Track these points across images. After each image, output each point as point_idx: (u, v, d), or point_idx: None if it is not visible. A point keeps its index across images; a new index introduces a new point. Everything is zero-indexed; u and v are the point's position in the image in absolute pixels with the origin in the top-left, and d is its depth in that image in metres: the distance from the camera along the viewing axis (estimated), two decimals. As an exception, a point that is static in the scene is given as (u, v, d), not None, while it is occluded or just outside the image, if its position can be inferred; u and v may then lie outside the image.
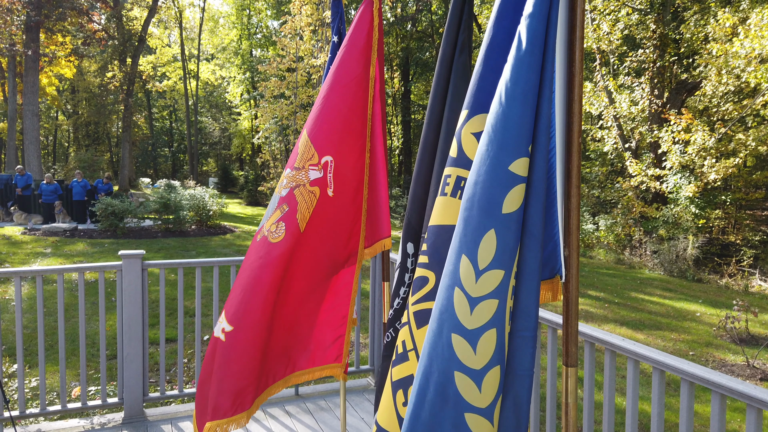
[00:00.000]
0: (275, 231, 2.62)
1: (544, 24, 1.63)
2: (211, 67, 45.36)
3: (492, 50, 1.80)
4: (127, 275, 3.94)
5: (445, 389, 1.59)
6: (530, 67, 1.62)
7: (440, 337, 1.61)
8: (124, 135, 34.24)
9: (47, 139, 47.19)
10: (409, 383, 1.80)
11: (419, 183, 2.34)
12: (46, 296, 8.57)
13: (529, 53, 1.61)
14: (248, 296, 2.58)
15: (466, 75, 2.34)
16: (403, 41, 30.00)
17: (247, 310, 2.57)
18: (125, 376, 4.01)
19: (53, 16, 25.73)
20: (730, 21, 13.57)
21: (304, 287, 2.78)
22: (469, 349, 1.58)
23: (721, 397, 2.12)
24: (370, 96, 2.84)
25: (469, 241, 1.60)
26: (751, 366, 7.26)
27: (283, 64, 8.19)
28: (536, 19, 1.62)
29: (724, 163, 14.48)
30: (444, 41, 2.36)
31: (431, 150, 2.33)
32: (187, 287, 9.28)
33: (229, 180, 38.92)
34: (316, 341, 2.92)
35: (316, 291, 2.84)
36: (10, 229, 15.96)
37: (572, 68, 1.77)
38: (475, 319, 1.57)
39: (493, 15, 1.81)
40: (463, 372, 1.58)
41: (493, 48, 1.80)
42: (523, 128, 1.60)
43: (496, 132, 1.61)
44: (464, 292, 1.58)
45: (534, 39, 1.62)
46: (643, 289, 12.52)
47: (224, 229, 18.25)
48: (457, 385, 1.59)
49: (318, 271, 2.81)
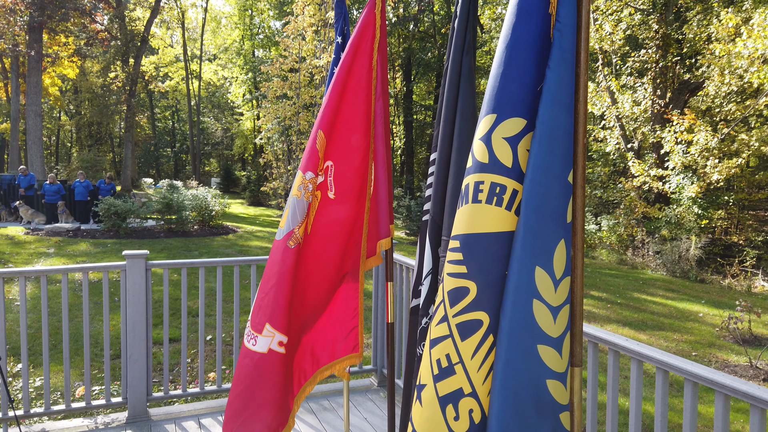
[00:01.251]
0: (300, 237, 2.67)
1: (575, 30, 1.73)
2: (213, 67, 45.43)
3: (518, 51, 1.77)
4: (131, 275, 3.95)
5: (540, 399, 1.68)
6: (572, 75, 1.72)
7: (526, 350, 1.67)
8: (126, 135, 34.31)
9: (50, 139, 47.29)
10: (459, 397, 1.77)
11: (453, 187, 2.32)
12: (50, 296, 8.60)
13: (570, 62, 1.72)
14: (293, 305, 2.64)
15: (472, 76, 2.35)
16: (405, 41, 30.00)
17: (292, 318, 2.62)
18: (129, 375, 4.02)
19: (56, 17, 25.78)
20: (733, 21, 13.54)
21: (320, 287, 2.85)
22: (557, 356, 1.69)
23: (724, 397, 2.12)
24: (372, 97, 2.86)
25: (542, 252, 1.68)
26: (754, 367, 7.25)
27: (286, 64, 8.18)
28: (571, 28, 1.72)
29: (726, 163, 14.46)
30: (454, 43, 2.36)
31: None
32: (190, 287, 9.30)
33: (231, 180, 38.95)
34: (334, 336, 2.99)
35: (330, 290, 2.92)
36: (13, 229, 16.00)
37: (578, 69, 1.78)
38: (558, 328, 1.69)
39: (514, 13, 1.79)
40: (555, 378, 1.69)
41: (518, 49, 1.77)
42: (572, 137, 1.72)
43: (554, 142, 1.69)
44: (545, 303, 1.67)
45: (572, 47, 1.72)
46: (646, 289, 12.51)
47: (227, 230, 18.27)
48: (551, 393, 1.69)
49: (330, 270, 2.87)
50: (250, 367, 2.53)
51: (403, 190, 25.57)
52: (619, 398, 5.95)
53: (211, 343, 7.10)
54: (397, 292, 4.64)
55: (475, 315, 1.77)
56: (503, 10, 25.14)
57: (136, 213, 16.78)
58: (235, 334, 4.35)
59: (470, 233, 1.78)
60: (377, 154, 2.91)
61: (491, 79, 1.81)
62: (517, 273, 1.69)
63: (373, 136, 2.89)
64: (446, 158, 2.36)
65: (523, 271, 1.68)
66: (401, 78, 32.01)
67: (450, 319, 1.78)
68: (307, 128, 7.93)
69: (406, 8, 28.81)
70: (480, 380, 1.77)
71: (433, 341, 1.82)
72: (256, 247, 15.19)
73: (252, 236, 17.56)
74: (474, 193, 1.77)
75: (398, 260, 4.55)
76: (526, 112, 1.76)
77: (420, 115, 33.76)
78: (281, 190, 7.56)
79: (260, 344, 2.53)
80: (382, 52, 2.96)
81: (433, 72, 30.42)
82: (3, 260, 11.77)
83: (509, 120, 1.76)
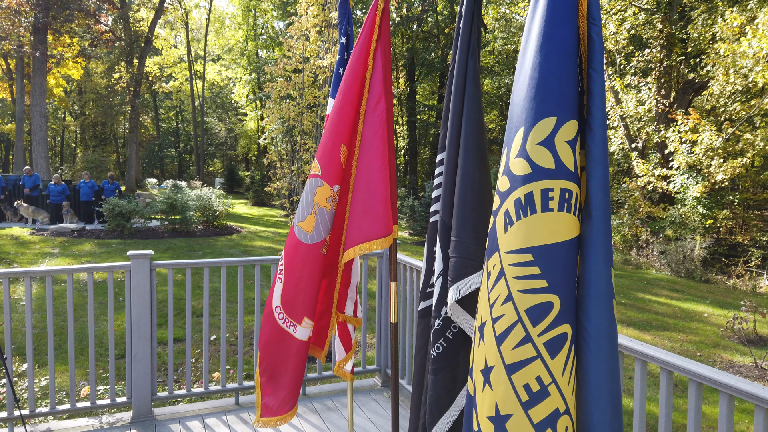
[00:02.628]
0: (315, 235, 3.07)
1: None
2: (217, 67, 45.51)
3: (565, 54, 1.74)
4: (136, 275, 3.96)
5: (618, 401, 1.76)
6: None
7: (613, 350, 1.70)
8: (130, 136, 34.40)
9: (55, 140, 47.49)
10: (557, 417, 1.71)
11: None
12: (55, 296, 8.63)
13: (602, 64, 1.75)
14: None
15: (477, 77, 2.35)
16: (408, 42, 30.00)
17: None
18: (134, 375, 4.04)
19: (60, 18, 25.87)
20: (738, 20, 13.49)
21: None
22: None
23: (729, 397, 2.11)
24: (364, 99, 2.93)
25: (610, 254, 1.72)
26: (759, 367, 7.23)
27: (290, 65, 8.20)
28: (601, 29, 1.74)
29: (731, 163, 14.41)
30: (459, 44, 2.35)
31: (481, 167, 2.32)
32: (194, 287, 9.32)
33: (235, 180, 39.03)
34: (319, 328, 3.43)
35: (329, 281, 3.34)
36: (18, 230, 16.07)
37: (580, 69, 1.79)
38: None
39: (547, 15, 1.75)
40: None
41: (564, 52, 1.74)
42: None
43: (606, 144, 1.73)
44: (616, 301, 1.81)
45: (603, 48, 1.74)
46: (650, 289, 12.48)
47: (230, 230, 18.30)
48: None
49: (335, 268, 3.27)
50: (291, 348, 3.07)
51: (407, 190, 25.55)
52: (624, 398, 5.94)
53: (215, 343, 7.11)
54: (401, 292, 4.64)
55: (561, 329, 1.72)
56: (506, 10, 25.11)
57: (140, 213, 16.82)
58: (240, 334, 4.35)
59: (547, 244, 1.70)
60: (374, 152, 2.91)
61: (530, 80, 1.75)
62: (597, 277, 1.69)
63: (371, 136, 2.92)
64: (454, 160, 2.37)
65: (603, 274, 1.68)
66: (405, 78, 32.01)
67: (535, 339, 1.70)
68: (311, 128, 7.95)
69: (409, 8, 28.81)
70: (570, 394, 1.73)
71: (513, 366, 1.72)
72: (260, 247, 15.22)
73: (256, 236, 17.59)
74: (543, 201, 1.69)
75: (402, 260, 4.55)
76: (576, 114, 1.73)
77: (423, 115, 33.73)
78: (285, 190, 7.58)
79: (300, 333, 3.05)
80: (386, 53, 2.98)
81: (436, 72, 30.41)
82: (8, 260, 11.82)
83: (569, 123, 1.71)
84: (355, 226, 2.92)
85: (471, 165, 2.29)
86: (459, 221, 2.28)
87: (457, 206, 2.30)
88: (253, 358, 4.07)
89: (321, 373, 4.74)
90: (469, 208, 2.27)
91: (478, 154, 2.30)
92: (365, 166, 2.93)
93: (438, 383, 2.35)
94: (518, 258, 1.71)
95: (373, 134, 2.92)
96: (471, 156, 2.29)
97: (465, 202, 2.28)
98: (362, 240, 2.88)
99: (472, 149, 2.29)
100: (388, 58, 3.00)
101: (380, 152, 2.90)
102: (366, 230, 2.88)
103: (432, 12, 29.51)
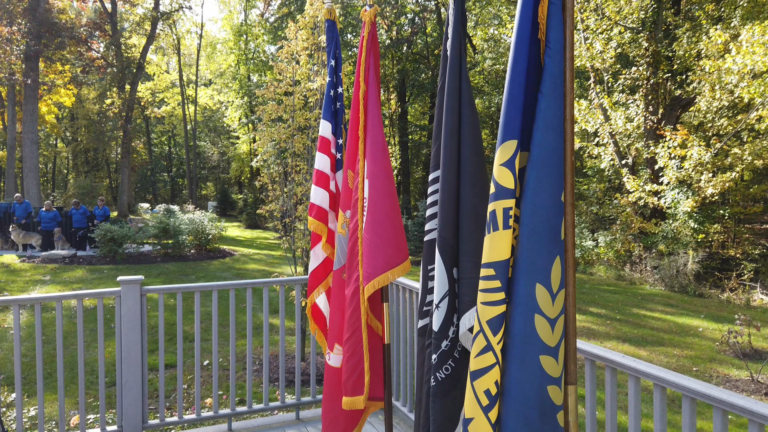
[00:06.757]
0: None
1: (563, 54, 1.83)
2: (209, 92, 45.71)
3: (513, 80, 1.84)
4: (126, 301, 3.93)
5: (543, 404, 1.80)
6: (561, 98, 1.82)
7: (529, 363, 1.78)
8: (123, 161, 34.36)
9: (46, 166, 47.36)
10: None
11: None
12: (45, 324, 8.53)
13: (560, 86, 1.81)
14: None
15: (470, 96, 2.35)
16: (399, 63, 30.29)
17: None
18: (124, 403, 3.98)
19: (52, 45, 26.01)
20: (722, 38, 13.73)
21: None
22: (555, 363, 1.82)
23: (723, 412, 2.10)
24: (361, 123, 2.95)
25: (541, 270, 1.78)
26: (755, 381, 7.21)
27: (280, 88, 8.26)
28: (560, 54, 1.81)
29: (721, 177, 14.53)
30: (449, 64, 2.35)
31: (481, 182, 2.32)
32: (186, 312, 9.23)
33: (228, 203, 38.98)
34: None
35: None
36: (8, 257, 15.93)
37: (564, 88, 1.80)
38: (555, 337, 1.81)
39: (514, 41, 1.84)
40: (553, 383, 1.81)
41: (513, 78, 1.84)
42: (562, 158, 1.82)
43: (549, 164, 1.79)
44: (544, 316, 1.79)
45: (561, 72, 1.82)
46: (645, 304, 12.48)
47: (223, 253, 18.23)
48: (551, 397, 1.81)
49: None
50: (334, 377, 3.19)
51: (400, 209, 25.50)
52: (618, 415, 5.90)
53: (208, 368, 7.03)
54: (393, 312, 4.61)
55: None
56: (495, 31, 25.46)
57: (132, 238, 16.74)
58: (232, 359, 4.31)
59: (504, 259, 1.83)
60: (377, 180, 2.96)
61: (507, 104, 1.85)
62: (520, 291, 1.79)
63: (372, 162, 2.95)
64: (454, 178, 2.32)
65: (525, 288, 1.78)
66: (396, 99, 32.24)
67: (494, 347, 1.83)
68: (302, 150, 7.98)
69: (399, 31, 29.15)
70: None
71: (475, 373, 1.85)
72: (253, 270, 15.14)
73: (249, 259, 17.52)
74: (505, 219, 1.82)
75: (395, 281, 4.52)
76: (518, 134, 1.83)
77: (415, 135, 33.90)
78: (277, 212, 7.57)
79: (333, 360, 3.21)
80: (376, 72, 3.00)
81: (427, 93, 30.65)
82: (-2, 288, 11.70)
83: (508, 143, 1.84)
84: (378, 255, 2.86)
85: (470, 184, 2.30)
86: (468, 240, 2.28)
87: (464, 225, 2.29)
88: (246, 383, 4.01)
89: (315, 396, 4.69)
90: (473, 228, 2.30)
91: (478, 170, 2.31)
92: (375, 191, 2.91)
93: (448, 404, 2.31)
94: (486, 272, 1.85)
95: (376, 162, 2.94)
96: (470, 174, 2.30)
97: (469, 221, 2.30)
98: (386, 269, 2.83)
99: (473, 167, 2.30)
100: (377, 79, 3.03)
101: (387, 177, 2.91)
102: (385, 258, 2.85)
103: (422, 34, 29.86)
